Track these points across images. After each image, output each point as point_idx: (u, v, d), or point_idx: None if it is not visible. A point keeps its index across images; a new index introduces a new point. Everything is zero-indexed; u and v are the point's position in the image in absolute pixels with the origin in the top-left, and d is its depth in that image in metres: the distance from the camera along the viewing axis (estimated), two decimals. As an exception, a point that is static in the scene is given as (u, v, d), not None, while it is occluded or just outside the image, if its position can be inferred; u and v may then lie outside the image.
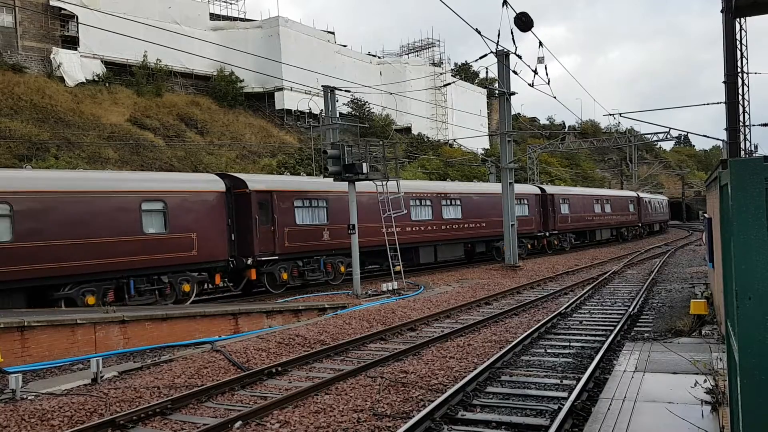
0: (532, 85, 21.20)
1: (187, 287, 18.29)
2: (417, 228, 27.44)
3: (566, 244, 40.57)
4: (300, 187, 22.79)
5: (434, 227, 28.47)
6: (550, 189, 39.78)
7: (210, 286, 19.92)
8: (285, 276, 21.23)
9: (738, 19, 20.30)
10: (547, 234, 37.05)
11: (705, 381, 7.82)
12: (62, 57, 44.29)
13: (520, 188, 34.25)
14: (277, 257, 20.85)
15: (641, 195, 57.71)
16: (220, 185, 19.85)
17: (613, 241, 48.52)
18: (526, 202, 35.74)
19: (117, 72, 47.69)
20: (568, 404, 8.19)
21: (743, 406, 2.85)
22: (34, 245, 15.21)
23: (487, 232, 31.48)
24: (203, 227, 18.89)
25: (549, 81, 21.98)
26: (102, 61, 46.90)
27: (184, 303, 18.08)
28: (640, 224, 54.90)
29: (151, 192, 17.85)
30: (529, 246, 35.72)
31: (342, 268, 23.46)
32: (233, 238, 19.92)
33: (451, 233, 29.31)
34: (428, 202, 28.47)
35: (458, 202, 30.15)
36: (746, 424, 2.83)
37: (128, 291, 17.05)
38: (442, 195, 29.42)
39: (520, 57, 18.67)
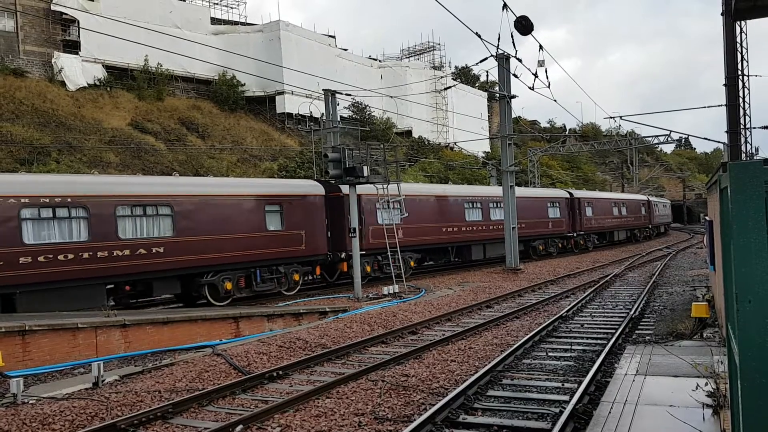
0: (532, 89, 21.21)
1: (296, 276, 21.62)
2: (470, 228, 30.68)
3: (590, 244, 43.30)
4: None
5: (484, 227, 31.65)
6: (577, 193, 42.54)
7: (311, 276, 23.21)
8: (369, 269, 24.43)
9: (738, 22, 20.32)
10: (575, 234, 39.73)
11: (706, 384, 7.80)
12: (63, 61, 44.39)
13: (553, 192, 38.35)
14: (363, 252, 23.24)
15: (651, 199, 60.10)
16: (321, 189, 23.05)
17: (627, 242, 50.84)
18: (557, 205, 38.87)
19: (118, 76, 47.78)
20: (569, 408, 8.18)
21: (744, 408, 2.85)
22: (188, 240, 18.37)
23: (526, 232, 33.98)
24: (309, 225, 22.02)
25: (549, 84, 22.01)
26: (103, 66, 47.00)
27: (293, 290, 21.57)
28: (650, 226, 57.56)
29: (272, 196, 21.17)
30: (560, 245, 38.40)
31: (412, 263, 26.64)
32: (329, 236, 22.89)
33: (497, 233, 31.59)
34: (479, 205, 31.75)
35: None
36: (747, 427, 2.83)
37: (255, 279, 20.22)
38: (490, 198, 32.40)
39: (520, 60, 18.69)
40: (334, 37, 64.81)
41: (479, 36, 15.57)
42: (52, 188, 16.06)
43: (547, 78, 29.29)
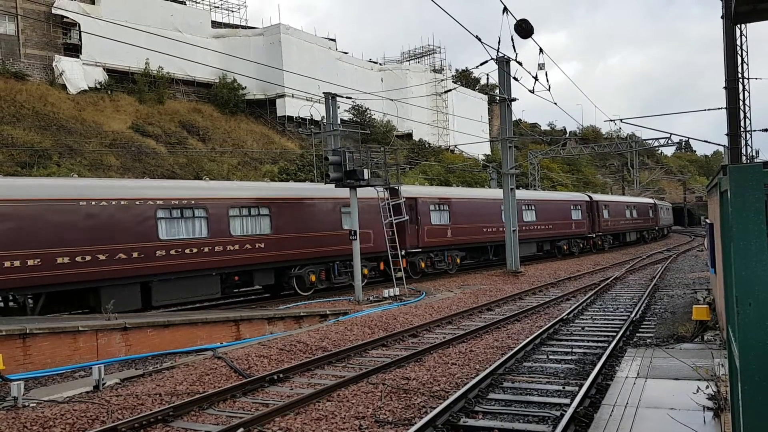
0: (532, 92, 21.22)
1: (366, 271, 24.12)
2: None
3: (606, 244, 46.39)
4: (434, 194, 29.85)
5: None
6: (595, 197, 45.48)
7: (375, 272, 25.58)
8: (423, 265, 27.33)
9: (738, 25, 20.34)
10: (594, 235, 42.75)
11: (707, 387, 7.80)
12: (64, 65, 44.46)
13: (575, 196, 42.03)
14: (419, 250, 26.97)
15: (657, 202, 62.98)
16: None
17: (637, 243, 53.70)
18: (579, 207, 41.90)
19: (119, 79, 47.86)
20: (570, 411, 8.17)
21: (744, 411, 2.85)
22: (282, 237, 21.29)
23: (553, 233, 37.65)
24: (375, 226, 24.64)
25: (549, 87, 22.01)
26: (104, 69, 47.08)
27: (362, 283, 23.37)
28: (657, 228, 60.95)
29: (346, 198, 22.86)
30: (582, 245, 41.39)
31: (458, 260, 29.83)
32: (392, 234, 24.80)
33: (529, 233, 35.31)
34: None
35: (533, 207, 36.32)
36: (748, 429, 2.83)
37: (333, 272, 23.21)
38: (522, 201, 34.87)
39: (520, 64, 18.71)
40: (334, 40, 64.88)
41: (479, 39, 15.59)
42: (180, 192, 18.89)
43: (548, 81, 29.31)
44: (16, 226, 15.45)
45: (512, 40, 15.74)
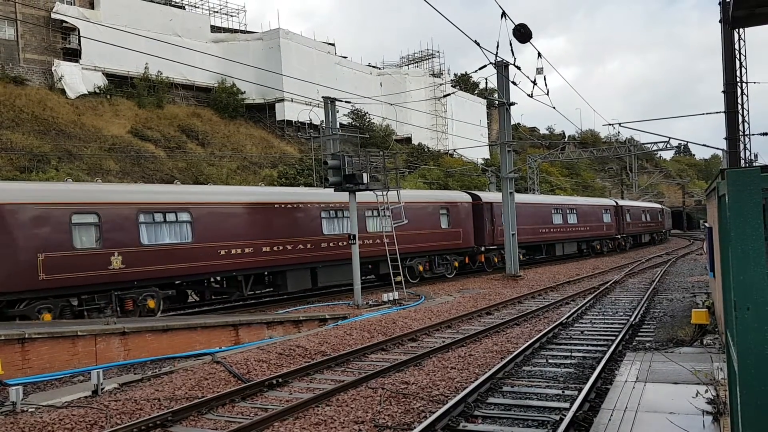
0: (531, 96, 21.27)
1: (456, 263, 29.46)
2: (555, 230, 39.05)
3: (628, 245, 50.98)
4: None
5: (563, 229, 40.05)
6: (621, 202, 49.89)
7: (457, 264, 29.73)
8: (496, 260, 32.38)
9: (736, 30, 20.39)
10: (619, 236, 47.17)
11: (706, 391, 7.80)
12: (63, 69, 44.52)
13: (603, 201, 47.20)
14: (495, 247, 31.93)
15: (664, 207, 67.66)
16: (468, 198, 31.46)
17: (648, 243, 57.87)
18: (608, 211, 47.53)
19: (118, 84, 47.93)
20: (570, 415, 8.16)
21: (743, 415, 2.85)
22: (404, 233, 24.85)
23: (588, 234, 42.19)
24: (464, 225, 29.86)
25: (548, 92, 22.07)
26: (103, 74, 47.15)
27: (452, 274, 29.28)
28: (663, 230, 65.75)
29: (444, 203, 29.11)
30: (610, 245, 45.43)
31: (521, 256, 33.04)
32: (473, 234, 30.39)
33: (572, 234, 40.93)
34: (559, 211, 39.80)
35: (575, 211, 40.73)
36: (747, 434, 2.83)
37: (434, 264, 28.03)
38: (567, 206, 40.49)
39: (519, 68, 18.77)
40: (333, 44, 65.02)
41: (478, 44, 15.63)
42: (333, 198, 23.21)
43: (546, 85, 29.32)
44: (238, 222, 20.21)
45: (511, 44, 15.79)
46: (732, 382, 4.08)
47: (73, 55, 46.03)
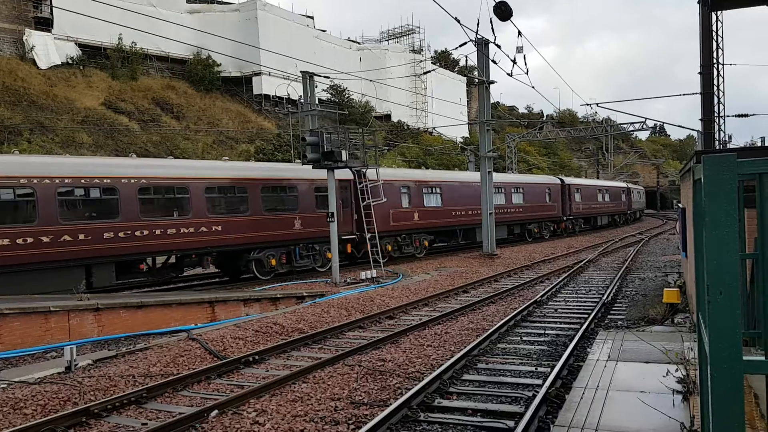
0: (510, 75, 21.24)
1: (536, 230, 40.76)
2: (592, 207, 49.61)
3: (577, 228, 50.86)
4: (581, 182, 49.69)
5: (601, 206, 51.87)
6: (567, 180, 50.49)
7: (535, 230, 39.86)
8: (568, 226, 44.77)
9: (714, 12, 20.51)
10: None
11: (677, 370, 7.96)
12: (35, 39, 43.29)
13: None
14: (573, 217, 45.31)
15: (630, 186, 67.41)
16: (556, 180, 42.21)
17: (607, 226, 56.97)
18: (623, 191, 58.36)
19: (91, 55, 46.79)
20: (542, 392, 8.30)
21: (713, 398, 2.90)
22: (448, 209, 30.35)
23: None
24: (545, 201, 41.37)
25: (528, 71, 22.07)
26: (76, 44, 45.95)
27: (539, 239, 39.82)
28: (629, 212, 65.74)
29: (517, 183, 38.30)
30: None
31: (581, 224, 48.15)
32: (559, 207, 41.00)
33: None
34: (596, 191, 50.92)
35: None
36: (716, 414, 2.89)
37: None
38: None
39: (499, 46, 18.70)
40: (312, 17, 64.08)
41: (458, 21, 15.52)
42: (407, 175, 29.45)
43: (526, 65, 29.27)
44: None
45: (491, 22, 15.70)
46: (703, 362, 4.14)
47: (45, 24, 44.76)
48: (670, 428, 6.39)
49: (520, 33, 19.59)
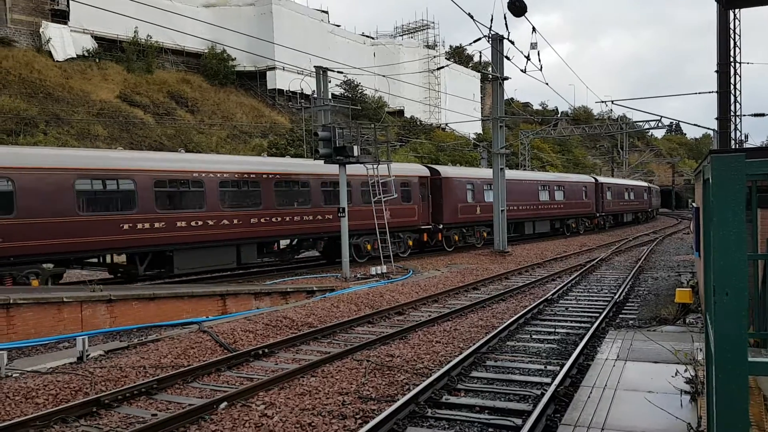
0: (524, 71, 21.13)
1: (574, 225, 43.14)
2: (621, 204, 52.23)
3: (608, 224, 53.03)
4: (608, 181, 51.61)
5: (627, 204, 54.15)
6: (600, 179, 52.83)
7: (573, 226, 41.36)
8: (603, 223, 48.14)
9: (732, 10, 20.27)
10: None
11: (686, 371, 7.91)
12: (52, 31, 43.68)
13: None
14: (604, 214, 48.21)
15: (650, 185, 69.89)
16: (591, 179, 43.79)
17: (631, 223, 59.41)
18: (645, 190, 60.59)
19: (107, 47, 47.12)
20: (551, 390, 8.28)
21: (718, 399, 2.89)
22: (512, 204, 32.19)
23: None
24: (582, 198, 43.01)
25: (542, 67, 21.93)
26: (92, 36, 46.30)
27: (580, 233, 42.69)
28: (649, 209, 68.34)
29: (560, 181, 40.63)
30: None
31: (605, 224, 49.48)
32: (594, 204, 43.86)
33: (629, 207, 52.67)
34: (624, 190, 53.68)
35: (632, 190, 50.82)
36: (720, 416, 2.87)
37: (567, 226, 40.68)
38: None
39: (512, 42, 18.63)
40: (326, 12, 64.10)
41: (471, 16, 15.47)
42: (469, 173, 31.48)
43: (540, 61, 29.15)
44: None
45: (505, 18, 15.66)
46: (709, 363, 4.12)
47: (62, 16, 45.13)
48: (677, 429, 6.36)
49: (534, 29, 19.49)
